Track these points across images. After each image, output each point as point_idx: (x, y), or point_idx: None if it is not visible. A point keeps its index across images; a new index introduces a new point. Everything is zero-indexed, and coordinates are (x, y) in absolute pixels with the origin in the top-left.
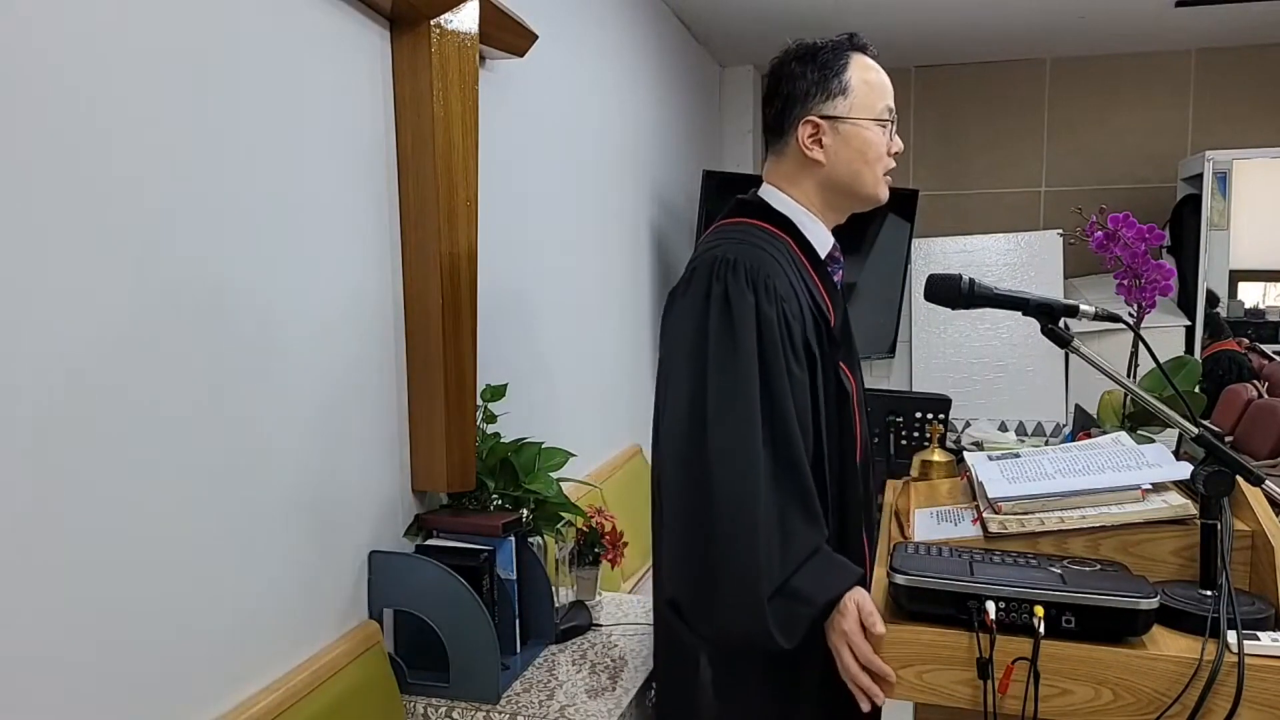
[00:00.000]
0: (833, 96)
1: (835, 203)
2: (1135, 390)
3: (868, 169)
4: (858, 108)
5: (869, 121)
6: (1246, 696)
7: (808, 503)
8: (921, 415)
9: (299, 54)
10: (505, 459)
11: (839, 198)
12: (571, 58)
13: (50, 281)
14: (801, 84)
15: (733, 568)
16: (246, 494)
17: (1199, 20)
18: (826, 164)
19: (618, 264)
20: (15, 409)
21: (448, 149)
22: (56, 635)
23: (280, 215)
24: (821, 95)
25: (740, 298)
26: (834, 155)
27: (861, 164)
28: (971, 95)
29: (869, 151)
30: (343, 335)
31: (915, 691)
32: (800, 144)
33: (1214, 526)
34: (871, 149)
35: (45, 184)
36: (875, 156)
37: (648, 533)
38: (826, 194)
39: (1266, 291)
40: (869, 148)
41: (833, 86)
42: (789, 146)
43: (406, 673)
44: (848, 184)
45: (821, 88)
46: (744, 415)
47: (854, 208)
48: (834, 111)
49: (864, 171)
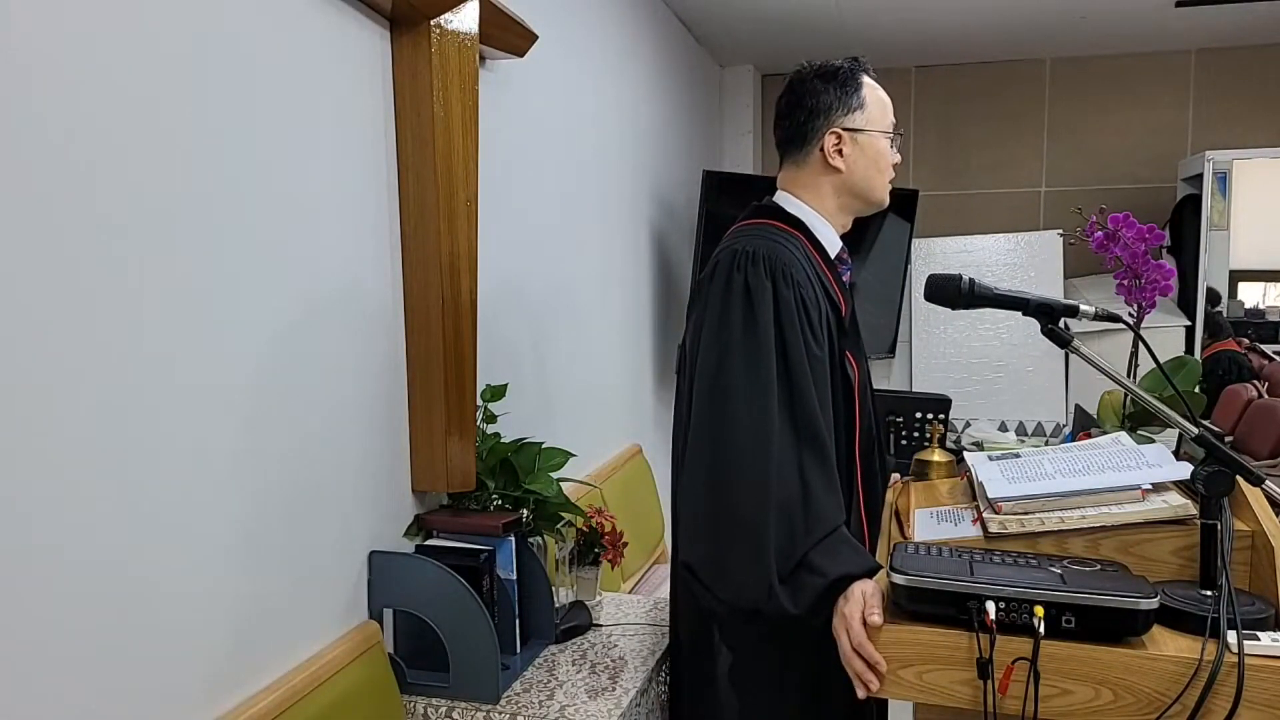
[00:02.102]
0: (852, 110)
1: (847, 206)
2: (1135, 390)
3: (879, 176)
4: (873, 121)
5: (881, 133)
6: (1246, 696)
7: (830, 479)
8: (921, 415)
9: (299, 54)
10: (505, 459)
11: (852, 201)
12: (571, 58)
13: (50, 282)
14: (825, 99)
15: (744, 534)
16: (246, 494)
17: (1199, 20)
18: (845, 171)
19: (618, 264)
20: (14, 409)
21: (448, 149)
22: (56, 635)
23: (280, 215)
24: (843, 109)
25: (759, 284)
26: (853, 163)
27: (875, 171)
28: (971, 95)
29: (881, 160)
30: (343, 335)
31: (915, 691)
32: (825, 152)
33: (1214, 526)
34: (883, 158)
35: (44, 184)
36: (885, 165)
37: (648, 533)
38: (842, 198)
39: (1266, 291)
40: (881, 157)
41: (853, 102)
42: (811, 155)
43: (406, 673)
44: (862, 189)
45: (843, 103)
46: (763, 390)
47: (861, 211)
48: (854, 124)
49: (876, 178)
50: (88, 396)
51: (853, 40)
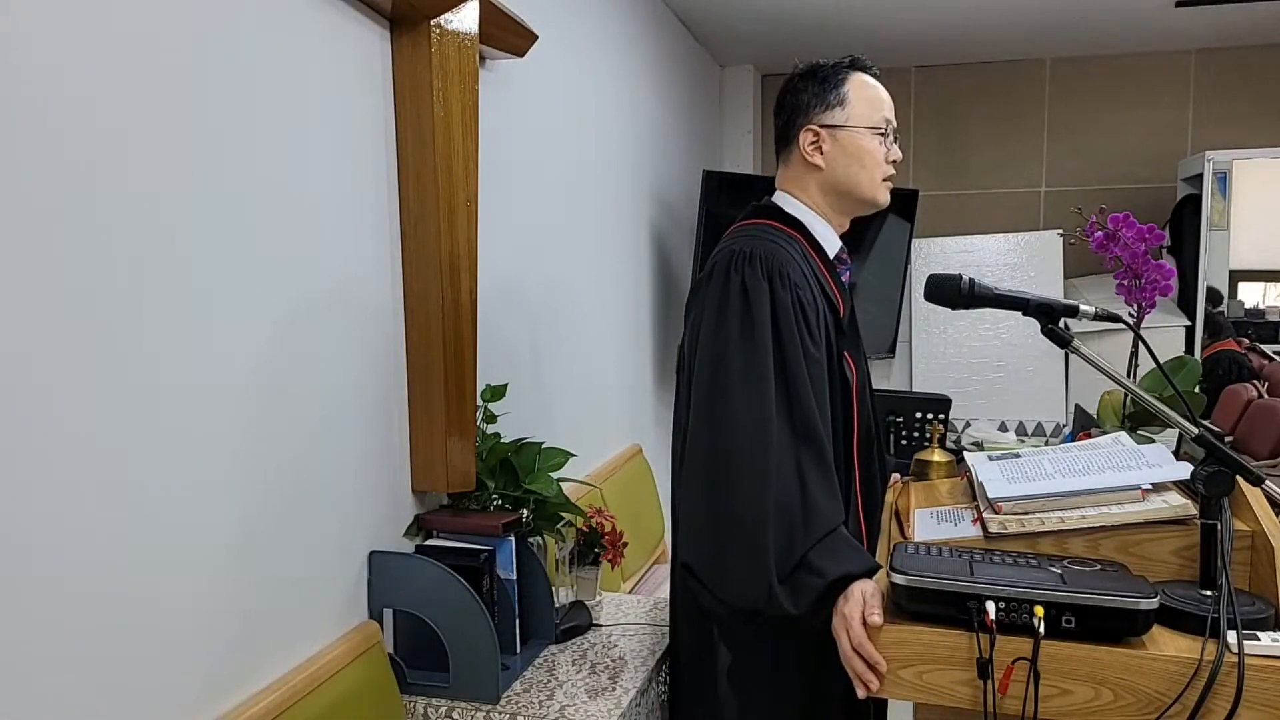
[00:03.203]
0: (830, 108)
1: (838, 205)
2: (1135, 390)
3: (864, 173)
4: (854, 118)
5: (865, 130)
6: (1246, 696)
7: (828, 479)
8: (921, 415)
9: (299, 54)
10: (505, 459)
11: (839, 199)
12: (571, 58)
13: (49, 282)
14: (804, 97)
15: (743, 534)
16: (246, 493)
17: (1199, 20)
18: (825, 168)
19: (618, 264)
20: (14, 409)
21: (448, 149)
22: (56, 635)
23: (280, 215)
24: (820, 106)
25: (756, 285)
26: (832, 160)
27: (858, 168)
28: (971, 95)
29: (865, 158)
30: (343, 335)
31: (915, 691)
32: (801, 150)
33: (1214, 526)
34: (867, 155)
35: (44, 184)
36: (872, 163)
37: (648, 533)
38: (829, 196)
39: (1266, 291)
40: (864, 154)
41: (830, 99)
42: (794, 154)
43: (406, 673)
44: (846, 187)
45: (820, 100)
46: (761, 391)
47: (855, 210)
48: (831, 121)
49: (860, 175)
50: (87, 396)
51: (853, 40)
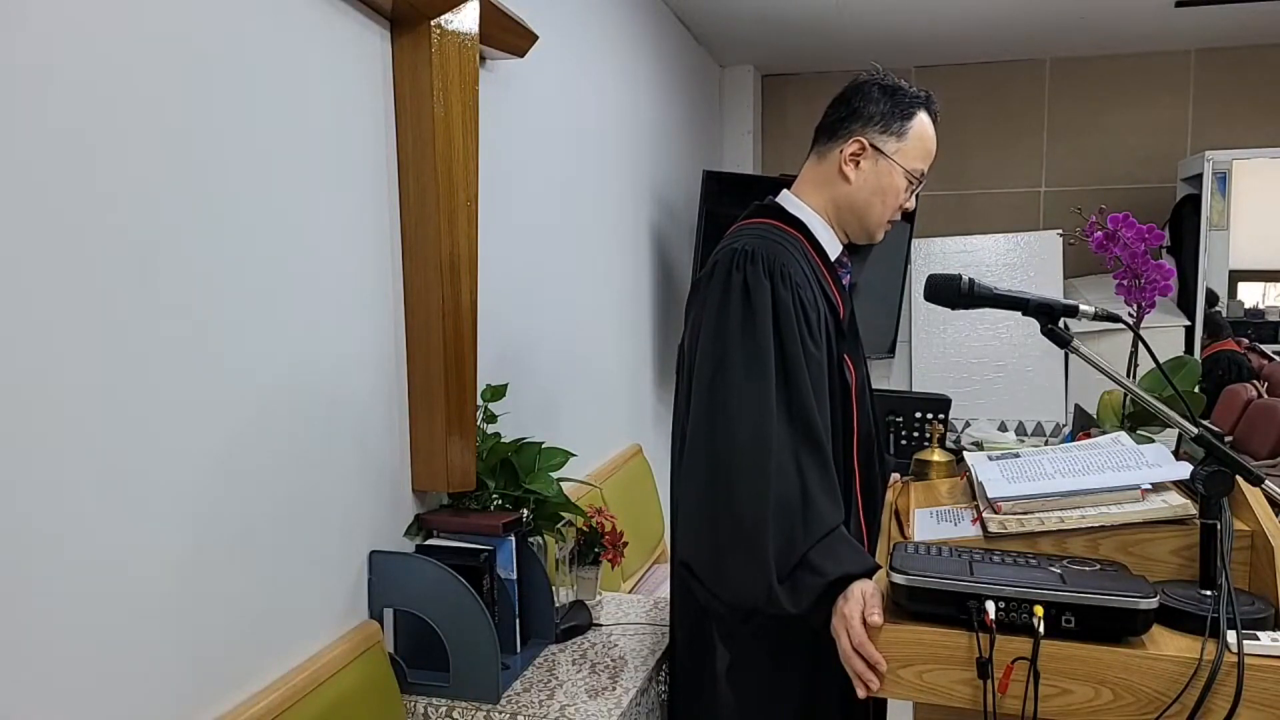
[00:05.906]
0: (890, 133)
1: (841, 220)
2: (1135, 390)
3: (880, 208)
4: (903, 155)
5: (903, 171)
6: (1246, 696)
7: (828, 478)
8: (921, 415)
9: (299, 54)
10: (505, 459)
11: (846, 217)
12: (571, 58)
13: (54, 281)
14: (874, 108)
15: (743, 534)
16: (246, 494)
17: (1199, 20)
18: (852, 184)
19: (618, 264)
20: (14, 409)
21: (448, 149)
22: (55, 634)
23: (280, 215)
24: (881, 126)
25: (758, 284)
26: (862, 180)
27: (878, 200)
28: (971, 95)
29: (888, 195)
30: (343, 335)
31: (915, 691)
32: (842, 155)
33: (1214, 526)
34: (891, 194)
35: (43, 184)
36: (892, 202)
37: (648, 533)
38: (839, 211)
39: (1266, 291)
40: (889, 192)
41: (894, 126)
42: (831, 153)
43: (406, 672)
44: (859, 210)
45: (885, 121)
46: (761, 389)
47: (852, 234)
48: (884, 146)
49: (875, 207)
50: (88, 396)
51: (853, 40)
